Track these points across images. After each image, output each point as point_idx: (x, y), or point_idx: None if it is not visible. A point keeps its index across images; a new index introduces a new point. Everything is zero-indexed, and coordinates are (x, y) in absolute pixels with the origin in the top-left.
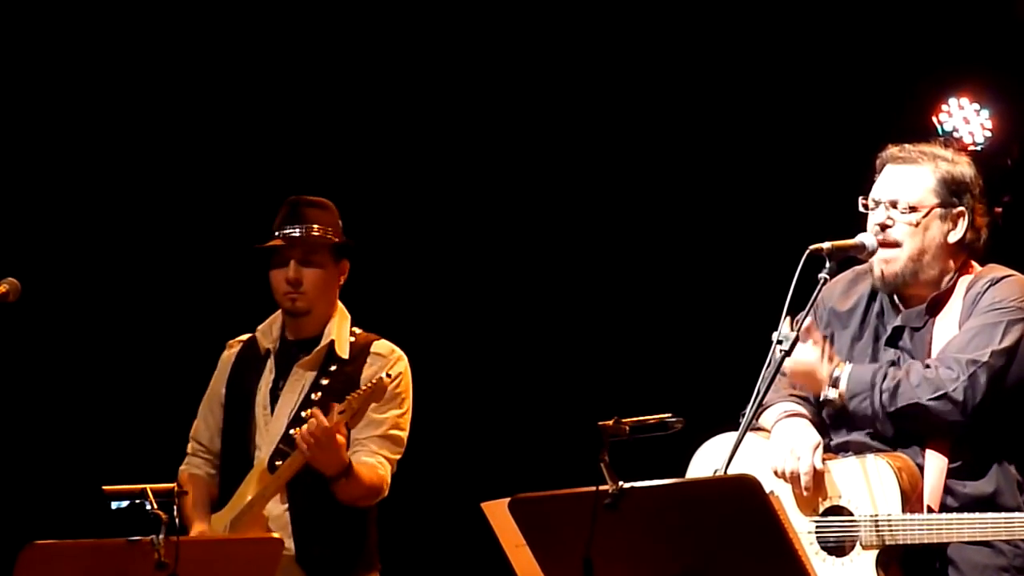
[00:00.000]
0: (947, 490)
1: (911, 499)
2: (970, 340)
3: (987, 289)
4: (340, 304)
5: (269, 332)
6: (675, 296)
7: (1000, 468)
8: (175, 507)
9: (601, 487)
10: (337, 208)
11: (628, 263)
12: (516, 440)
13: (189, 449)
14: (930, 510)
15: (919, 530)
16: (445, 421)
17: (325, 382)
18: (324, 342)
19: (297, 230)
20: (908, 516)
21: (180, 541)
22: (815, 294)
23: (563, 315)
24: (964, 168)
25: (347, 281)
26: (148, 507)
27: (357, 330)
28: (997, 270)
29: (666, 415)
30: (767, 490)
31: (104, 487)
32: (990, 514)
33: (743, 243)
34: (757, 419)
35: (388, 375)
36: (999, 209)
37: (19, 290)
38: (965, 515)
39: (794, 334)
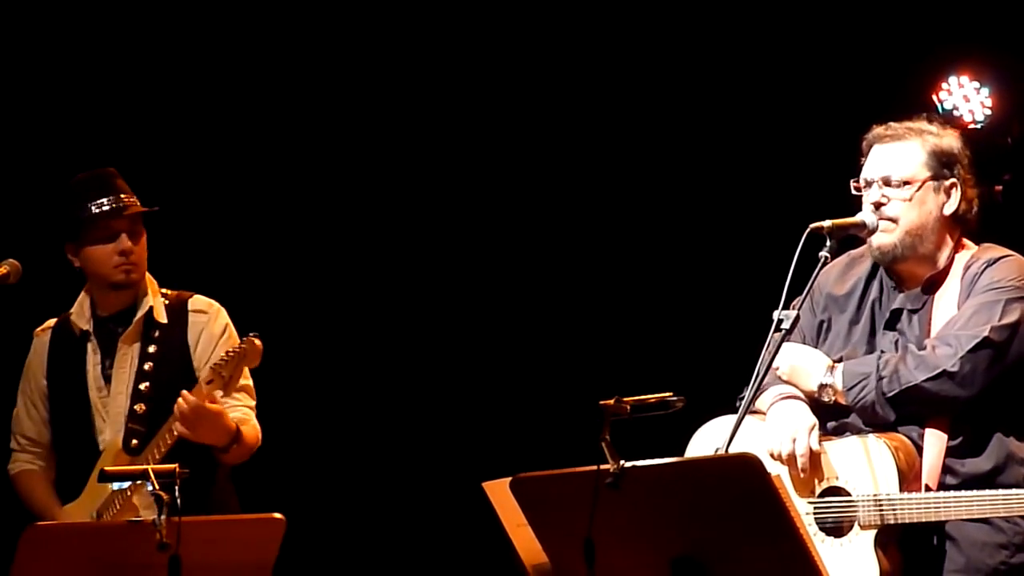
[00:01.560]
0: (946, 468)
1: (908, 478)
2: (969, 318)
3: (985, 270)
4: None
5: (82, 313)
6: (675, 275)
7: (999, 445)
8: (176, 488)
9: (602, 466)
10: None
11: (629, 243)
12: (517, 419)
13: (14, 445)
14: (928, 488)
15: (917, 509)
16: (446, 401)
17: (152, 350)
18: (141, 311)
19: (119, 201)
20: (906, 495)
21: (182, 522)
22: (815, 272)
23: (564, 294)
24: (951, 140)
25: (319, 261)
26: (150, 488)
27: (167, 291)
28: (994, 250)
29: (667, 394)
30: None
31: (104, 468)
32: (988, 491)
33: (743, 222)
34: (755, 401)
35: (258, 336)
36: (999, 188)
37: (20, 271)
38: (963, 493)
39: (794, 313)
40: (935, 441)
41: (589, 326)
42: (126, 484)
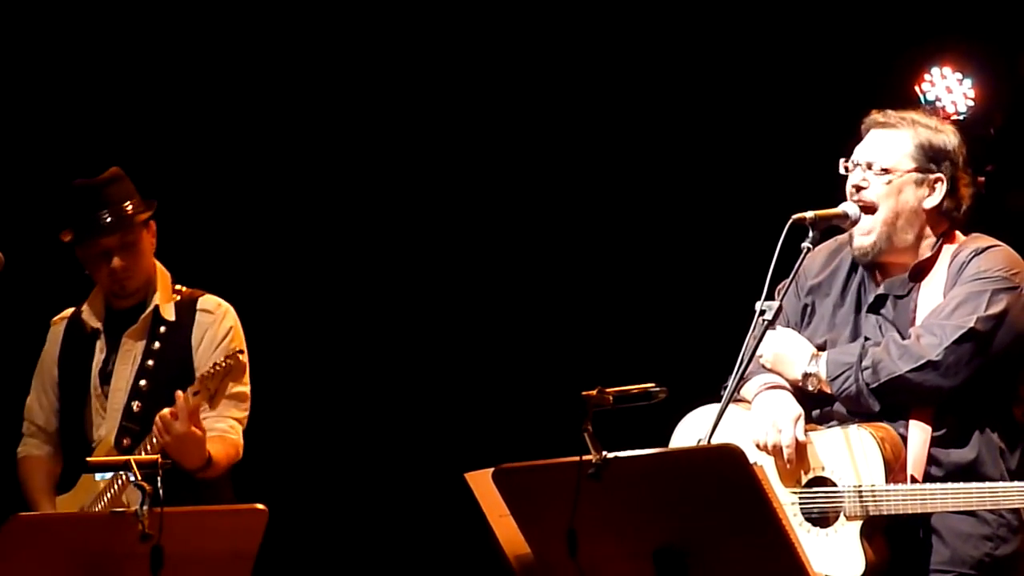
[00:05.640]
0: (931, 459)
1: (894, 469)
2: (955, 308)
3: (972, 259)
4: (158, 264)
5: (93, 308)
6: (658, 265)
7: (982, 436)
8: (158, 479)
9: (585, 457)
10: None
11: (611, 234)
12: (500, 410)
13: (24, 429)
14: (914, 480)
15: (903, 500)
16: (429, 392)
17: (157, 347)
18: (149, 308)
19: (107, 216)
20: (891, 486)
21: (164, 512)
22: (798, 263)
23: (546, 285)
24: (947, 137)
25: (340, 268)
26: (132, 478)
27: (181, 287)
28: (982, 240)
29: (649, 385)
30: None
31: (87, 458)
32: (974, 483)
33: (726, 213)
34: (739, 391)
35: (241, 351)
36: (982, 179)
37: (2, 262)
38: (949, 485)
39: (777, 303)
40: (919, 432)
41: (572, 317)
42: (108, 475)
